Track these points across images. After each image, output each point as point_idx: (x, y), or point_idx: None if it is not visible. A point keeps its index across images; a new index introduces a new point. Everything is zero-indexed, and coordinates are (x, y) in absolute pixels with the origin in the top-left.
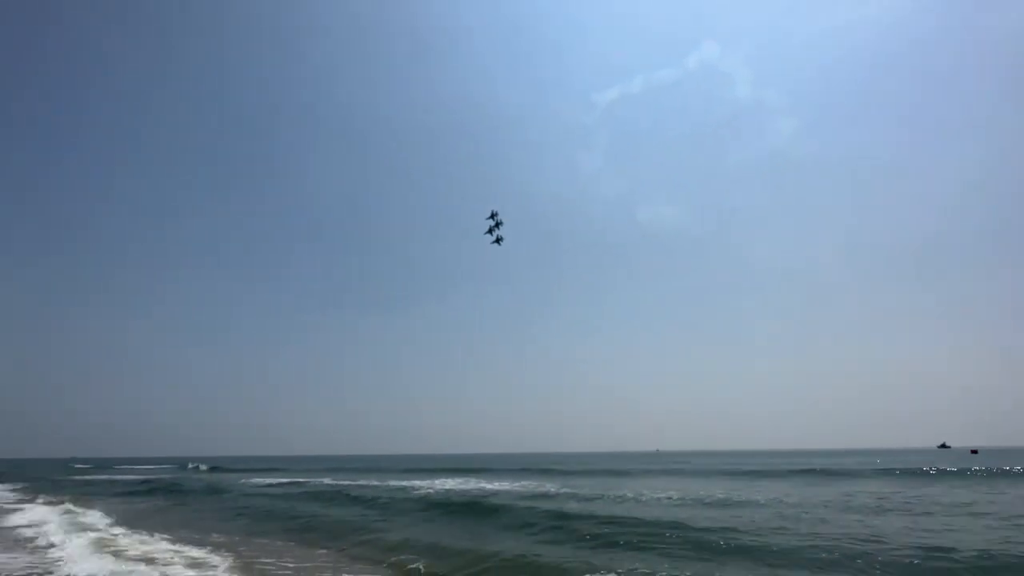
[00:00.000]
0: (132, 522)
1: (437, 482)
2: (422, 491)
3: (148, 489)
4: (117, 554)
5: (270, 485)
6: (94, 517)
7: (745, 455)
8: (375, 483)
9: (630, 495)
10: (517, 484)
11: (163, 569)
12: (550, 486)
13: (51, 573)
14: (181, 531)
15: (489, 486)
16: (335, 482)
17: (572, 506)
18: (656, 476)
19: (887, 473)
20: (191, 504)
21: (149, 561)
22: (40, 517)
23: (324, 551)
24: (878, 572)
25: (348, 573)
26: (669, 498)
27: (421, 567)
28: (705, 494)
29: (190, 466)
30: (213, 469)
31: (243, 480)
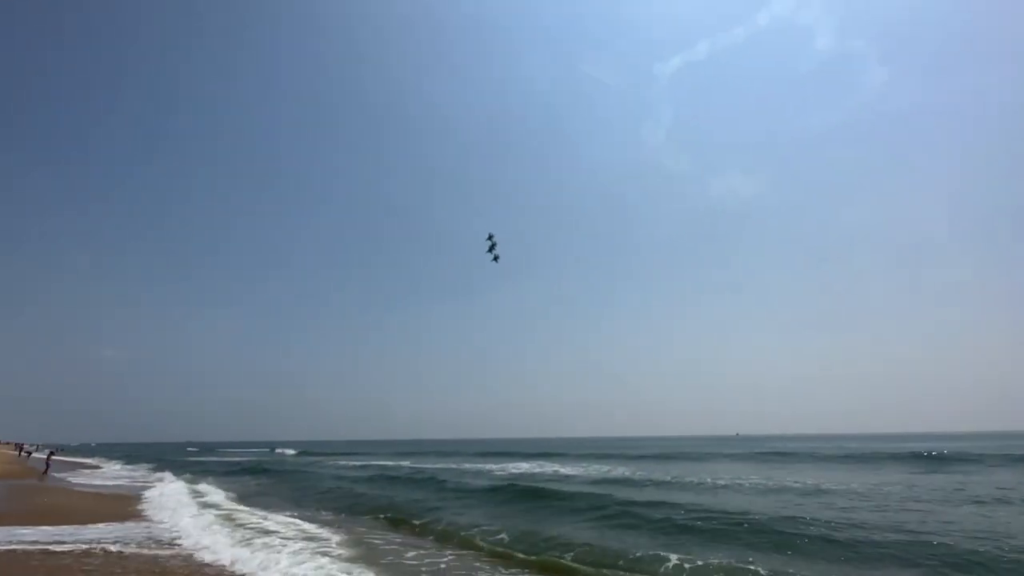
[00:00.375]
0: (245, 498)
1: (511, 466)
2: (498, 473)
3: (248, 470)
4: (242, 525)
5: (354, 467)
6: (214, 493)
7: (835, 439)
8: (452, 466)
9: (709, 480)
10: (591, 468)
11: (284, 541)
12: (623, 470)
13: (186, 539)
14: (287, 508)
15: (563, 470)
16: (416, 465)
17: (647, 492)
18: (738, 461)
19: (1015, 460)
20: (288, 483)
21: (269, 533)
22: (173, 490)
23: (413, 530)
24: None
25: (446, 550)
26: (753, 484)
27: (508, 549)
28: (792, 480)
29: (276, 450)
30: (301, 453)
31: (330, 462)
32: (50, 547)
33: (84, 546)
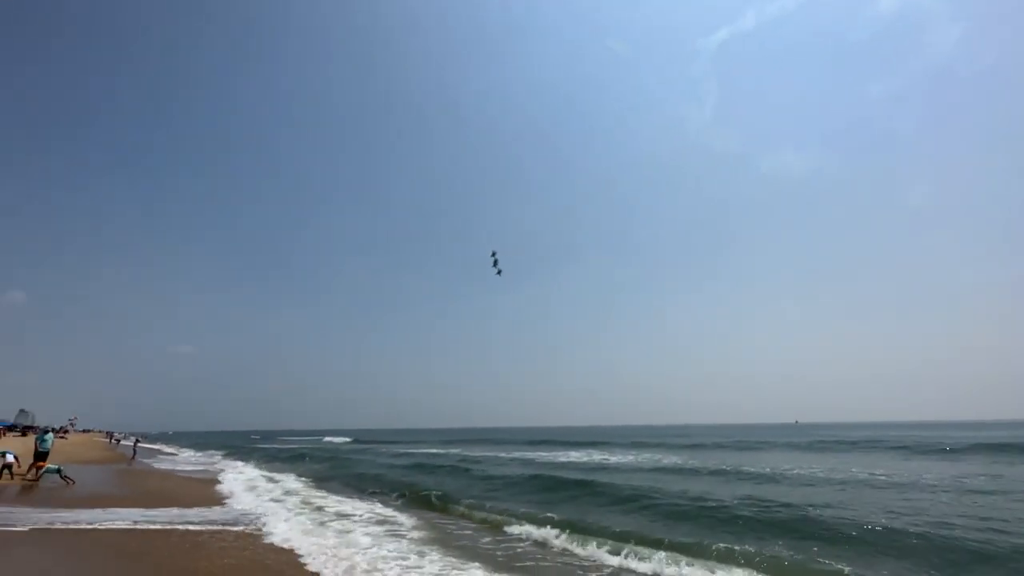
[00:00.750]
0: (316, 482)
1: (560, 455)
2: (550, 462)
3: (310, 456)
4: (320, 509)
5: (408, 454)
6: (287, 478)
7: (900, 427)
8: (501, 455)
9: (767, 470)
10: (642, 456)
11: (363, 523)
12: (675, 458)
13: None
14: (355, 492)
15: (612, 458)
16: (466, 453)
17: (702, 482)
18: (797, 451)
19: None
20: (350, 469)
21: (345, 516)
22: (250, 476)
23: (476, 517)
24: None
25: (519, 539)
26: (815, 475)
27: (564, 537)
28: (859, 471)
29: (326, 439)
30: (354, 441)
31: (383, 449)
32: (179, 527)
33: (207, 527)
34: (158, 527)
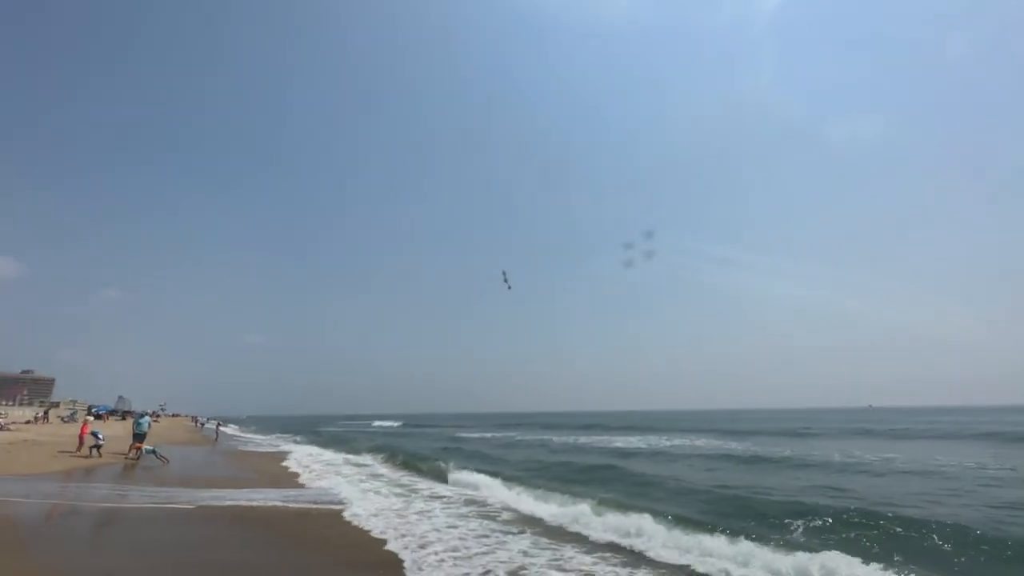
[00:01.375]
0: (391, 464)
1: (618, 439)
2: (604, 447)
3: (371, 437)
4: (408, 488)
5: (483, 438)
6: (367, 460)
7: (984, 411)
8: (553, 438)
9: (837, 458)
10: (699, 441)
11: (447, 504)
12: (735, 445)
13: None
14: (430, 472)
15: (667, 441)
16: (524, 437)
17: (772, 475)
18: (872, 438)
19: None
20: (412, 449)
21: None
22: (331, 458)
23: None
24: None
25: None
26: (893, 465)
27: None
28: (946, 462)
29: (375, 423)
30: (404, 425)
31: (435, 432)
32: (288, 504)
33: (303, 505)
34: (279, 504)
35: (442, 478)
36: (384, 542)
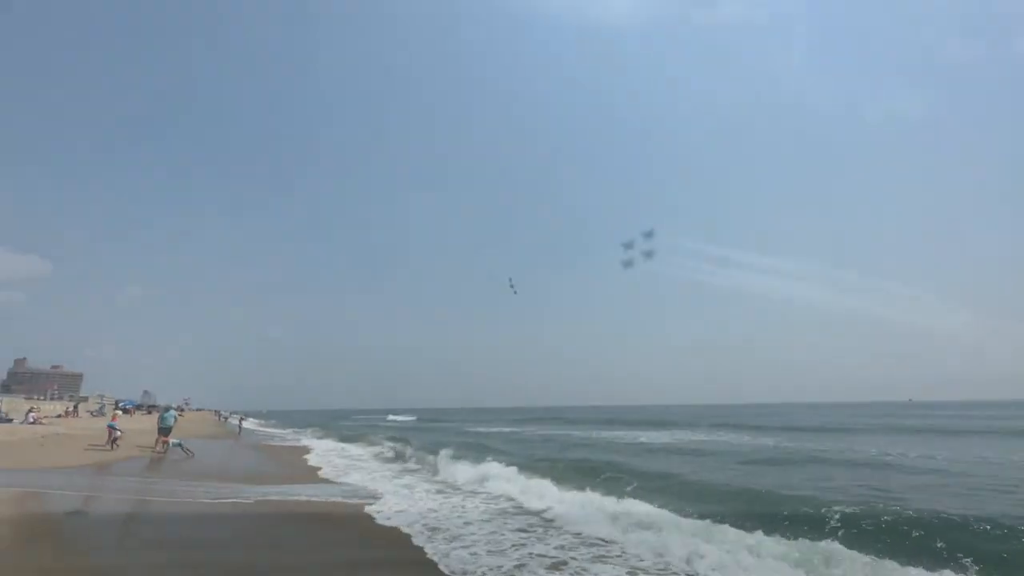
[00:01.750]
0: (417, 458)
1: (642, 435)
2: (634, 442)
3: (393, 430)
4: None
5: (502, 432)
6: (398, 452)
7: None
8: (575, 433)
9: (873, 451)
10: (730, 435)
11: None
12: (767, 440)
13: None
14: (461, 467)
15: (693, 436)
16: (544, 432)
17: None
18: (913, 434)
19: None
20: (416, 441)
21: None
22: (359, 453)
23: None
24: None
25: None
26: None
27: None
28: (996, 459)
29: (390, 417)
30: (419, 419)
31: (451, 426)
32: (313, 499)
33: (333, 499)
34: (303, 499)
35: (465, 472)
36: (413, 537)
